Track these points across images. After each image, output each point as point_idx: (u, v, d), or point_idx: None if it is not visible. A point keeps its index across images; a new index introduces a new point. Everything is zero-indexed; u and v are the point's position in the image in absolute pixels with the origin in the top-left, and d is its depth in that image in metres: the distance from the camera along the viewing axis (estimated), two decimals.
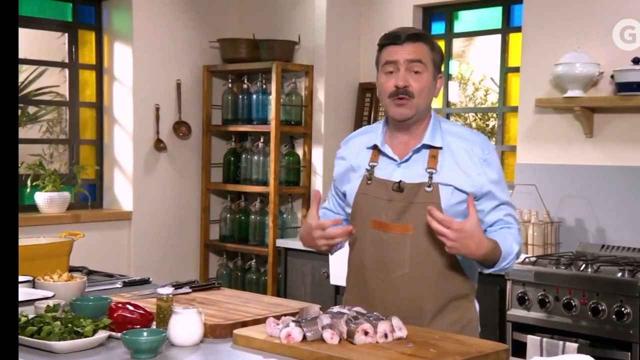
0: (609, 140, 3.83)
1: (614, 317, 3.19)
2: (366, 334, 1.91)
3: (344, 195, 2.36)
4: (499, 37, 4.40)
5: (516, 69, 4.23)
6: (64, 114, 4.80)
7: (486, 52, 4.69)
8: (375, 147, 2.30)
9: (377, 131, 2.32)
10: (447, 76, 4.63)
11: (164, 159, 4.85)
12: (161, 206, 4.83)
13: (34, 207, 4.40)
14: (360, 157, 2.33)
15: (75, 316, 2.02)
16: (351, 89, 4.80)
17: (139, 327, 2.01)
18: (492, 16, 4.48)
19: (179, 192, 4.93)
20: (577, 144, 3.91)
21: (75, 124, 4.73)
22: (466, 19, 4.64)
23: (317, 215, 2.25)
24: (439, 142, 2.23)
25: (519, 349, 3.34)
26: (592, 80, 3.77)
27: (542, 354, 3.30)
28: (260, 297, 2.55)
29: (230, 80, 4.98)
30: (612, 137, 3.82)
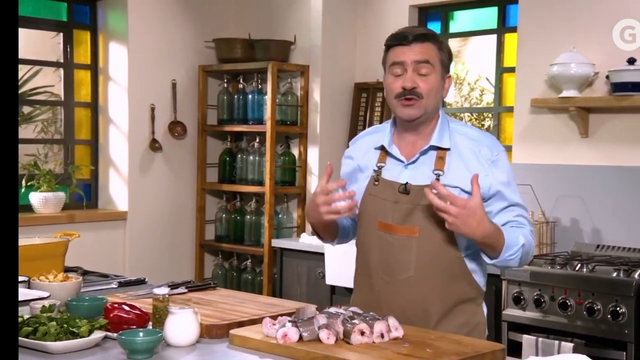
0: (604, 140, 3.84)
1: (609, 316, 3.20)
2: (362, 334, 1.91)
3: None
4: (494, 37, 4.40)
5: (511, 69, 4.23)
6: (58, 114, 4.79)
7: (482, 52, 4.70)
8: (382, 148, 2.27)
9: (385, 131, 2.28)
10: None
11: (160, 159, 4.84)
12: (156, 206, 4.83)
13: (29, 207, 4.39)
14: (367, 157, 2.30)
15: (70, 316, 2.02)
16: (347, 89, 4.79)
17: (135, 327, 2.00)
18: (488, 16, 4.48)
19: (174, 192, 4.92)
20: (573, 144, 3.92)
21: (70, 123, 4.73)
22: (462, 19, 4.64)
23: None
24: (446, 143, 2.20)
25: (515, 349, 3.34)
26: (587, 80, 3.78)
27: (537, 353, 3.30)
28: (256, 297, 2.55)
29: (225, 80, 4.98)
30: (608, 137, 3.82)
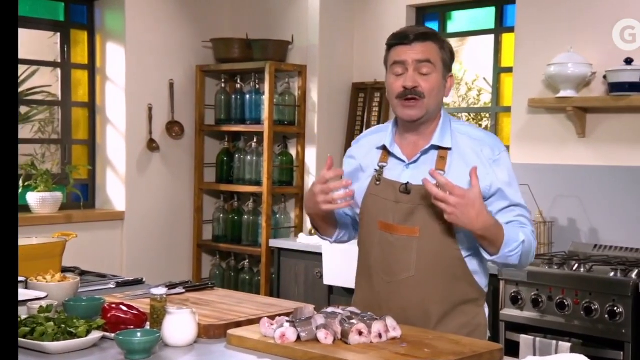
0: (601, 140, 3.84)
1: (606, 316, 3.20)
2: (360, 334, 1.91)
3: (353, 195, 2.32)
4: (492, 37, 4.40)
5: (509, 69, 4.24)
6: (56, 114, 4.78)
7: (479, 52, 4.70)
8: (384, 148, 2.26)
9: (387, 131, 2.28)
10: None
11: (157, 159, 4.84)
12: (154, 206, 4.82)
13: (26, 208, 4.38)
14: (369, 157, 2.29)
15: (68, 317, 2.01)
16: (344, 89, 4.79)
17: (132, 327, 2.00)
18: (485, 16, 4.48)
19: (171, 192, 4.92)
20: (570, 144, 3.92)
21: (67, 123, 4.72)
22: (459, 19, 4.64)
23: None
24: (448, 142, 2.19)
25: (512, 349, 3.34)
26: (584, 80, 3.78)
27: (535, 353, 3.30)
28: (253, 298, 2.54)
29: (223, 80, 4.97)
30: (605, 137, 3.83)
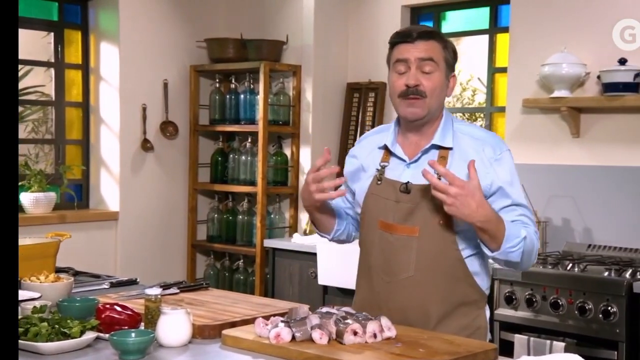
0: (595, 140, 3.85)
1: (600, 316, 3.21)
2: (355, 334, 1.91)
3: (354, 194, 2.32)
4: (486, 37, 4.41)
5: (503, 70, 4.24)
6: (49, 114, 4.77)
7: (473, 53, 4.71)
8: (386, 147, 2.26)
9: (390, 130, 2.28)
10: None
11: (151, 159, 4.83)
12: (148, 206, 4.81)
13: (20, 208, 4.36)
14: (371, 156, 2.29)
15: (62, 317, 2.01)
16: (339, 89, 4.79)
17: (126, 328, 2.00)
18: (480, 16, 4.49)
19: (166, 192, 4.91)
20: (564, 144, 3.93)
21: (61, 123, 4.71)
22: (454, 19, 4.65)
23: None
24: (449, 142, 2.18)
25: (507, 349, 3.34)
26: (578, 80, 3.79)
27: (529, 353, 3.31)
28: (248, 298, 2.54)
29: (217, 80, 4.97)
30: (599, 137, 3.84)
